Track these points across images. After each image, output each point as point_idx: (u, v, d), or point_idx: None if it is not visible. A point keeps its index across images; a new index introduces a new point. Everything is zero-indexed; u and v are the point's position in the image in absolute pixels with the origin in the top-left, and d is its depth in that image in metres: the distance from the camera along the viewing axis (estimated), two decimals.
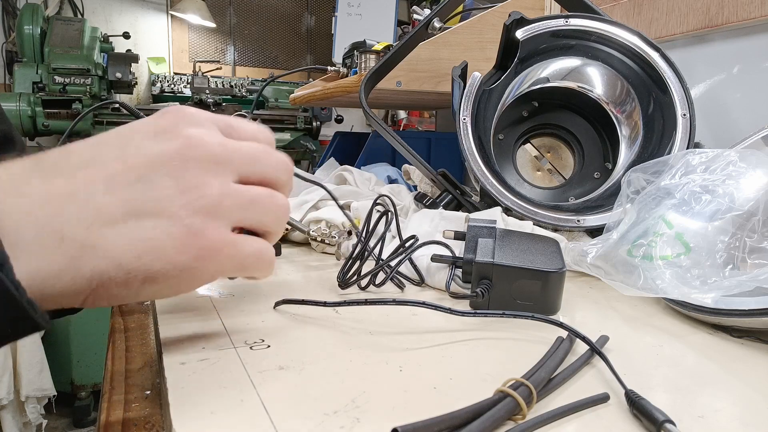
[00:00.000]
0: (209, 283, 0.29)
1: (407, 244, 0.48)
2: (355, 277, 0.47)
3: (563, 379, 0.30)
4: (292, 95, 1.34)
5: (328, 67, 1.19)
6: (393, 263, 0.48)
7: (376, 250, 0.49)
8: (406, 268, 0.50)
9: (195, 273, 0.28)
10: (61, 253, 0.25)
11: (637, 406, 0.27)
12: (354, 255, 0.47)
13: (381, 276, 0.47)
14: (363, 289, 0.48)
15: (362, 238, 0.47)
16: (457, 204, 0.67)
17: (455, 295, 0.44)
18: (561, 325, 0.36)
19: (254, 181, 0.30)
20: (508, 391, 0.26)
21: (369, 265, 0.48)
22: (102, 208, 0.26)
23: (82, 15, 2.95)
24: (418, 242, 0.48)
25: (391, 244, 0.53)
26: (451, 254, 0.45)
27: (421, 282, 0.49)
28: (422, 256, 0.49)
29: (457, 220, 0.55)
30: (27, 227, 0.24)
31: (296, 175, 0.45)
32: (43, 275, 0.24)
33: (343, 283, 0.47)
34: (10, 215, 0.24)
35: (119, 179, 0.27)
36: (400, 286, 0.48)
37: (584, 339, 0.34)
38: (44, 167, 0.27)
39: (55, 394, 1.84)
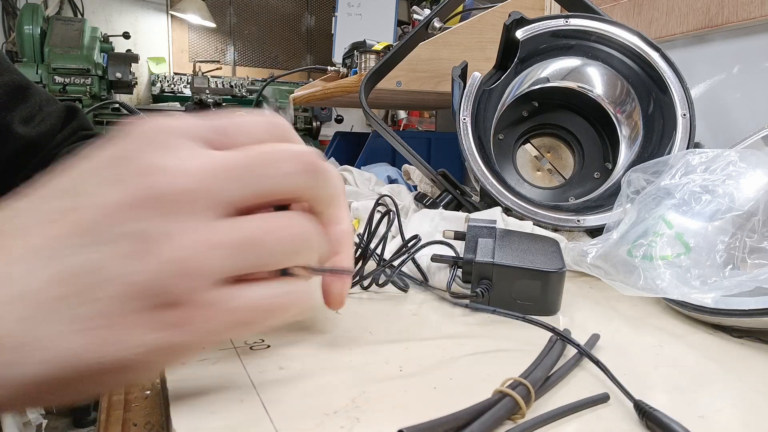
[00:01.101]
0: (202, 351, 0.24)
1: (410, 245, 0.48)
2: (358, 277, 0.47)
3: (559, 376, 0.30)
4: (292, 95, 1.34)
5: (328, 67, 1.19)
6: (396, 263, 0.48)
7: (378, 251, 0.49)
8: (407, 268, 0.50)
9: (172, 350, 0.22)
10: None
11: (652, 418, 0.26)
12: (356, 255, 0.47)
13: (383, 276, 0.47)
14: (365, 289, 0.48)
15: (363, 240, 0.47)
16: (457, 204, 0.67)
17: (455, 295, 0.44)
18: (553, 330, 0.35)
19: (261, 202, 0.23)
20: (506, 390, 0.26)
21: (372, 265, 0.48)
22: (41, 291, 0.20)
23: (82, 15, 2.95)
24: (421, 242, 0.48)
25: (392, 243, 0.53)
26: (453, 254, 0.45)
27: (425, 281, 0.49)
28: (422, 256, 0.49)
29: (457, 220, 0.55)
30: None
31: None
32: None
33: None
34: None
35: (63, 245, 0.20)
36: (404, 288, 0.48)
37: (576, 345, 0.33)
38: None
39: None
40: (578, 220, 0.60)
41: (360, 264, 0.47)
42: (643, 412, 0.26)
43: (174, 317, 0.21)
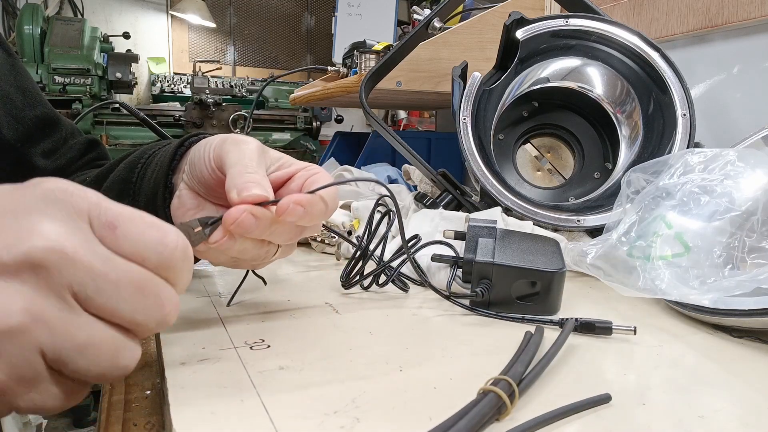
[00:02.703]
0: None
1: (410, 244, 0.48)
2: (358, 277, 0.47)
3: (542, 368, 0.30)
4: (292, 95, 1.34)
5: (328, 67, 1.19)
6: (395, 263, 0.48)
7: (378, 251, 0.49)
8: (407, 268, 0.50)
9: None
10: None
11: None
12: (357, 255, 0.47)
13: (383, 277, 0.48)
14: (365, 289, 0.48)
15: (362, 241, 0.47)
16: (457, 204, 0.67)
17: (456, 295, 0.44)
18: (553, 322, 0.36)
19: (98, 312, 0.23)
20: (489, 387, 0.26)
21: (373, 265, 0.48)
22: None
23: (82, 15, 2.95)
24: (422, 242, 0.48)
25: (392, 243, 0.53)
26: (453, 254, 0.45)
27: (425, 282, 0.49)
28: (423, 256, 0.49)
29: (457, 220, 0.55)
30: None
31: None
32: None
33: (346, 283, 0.47)
34: None
35: None
36: (405, 288, 0.48)
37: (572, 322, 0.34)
38: None
39: None
40: (578, 220, 0.60)
41: (360, 264, 0.47)
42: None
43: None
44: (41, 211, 0.22)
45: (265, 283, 0.47)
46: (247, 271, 0.44)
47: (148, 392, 0.33)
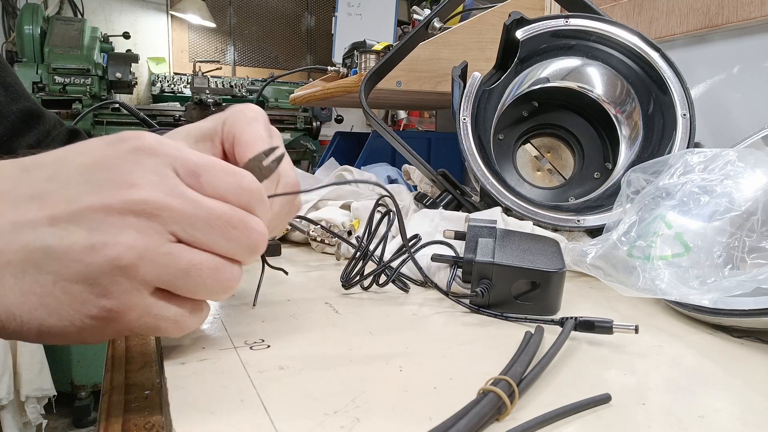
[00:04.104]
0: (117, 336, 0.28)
1: (410, 244, 0.48)
2: (358, 277, 0.47)
3: (541, 368, 0.30)
4: (292, 95, 1.34)
5: (328, 67, 1.19)
6: (395, 263, 0.48)
7: (378, 251, 0.49)
8: (407, 269, 0.50)
9: (96, 331, 0.26)
10: None
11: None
12: (357, 255, 0.47)
13: (384, 277, 0.47)
14: (366, 289, 0.48)
15: (362, 241, 0.47)
16: (457, 204, 0.67)
17: (456, 295, 0.44)
18: (557, 321, 0.36)
19: (197, 246, 0.27)
20: (489, 388, 0.26)
21: (373, 265, 0.48)
22: (2, 249, 0.24)
23: (82, 15, 2.95)
24: (421, 242, 0.48)
25: (392, 243, 0.53)
26: (453, 254, 0.45)
27: (425, 282, 0.49)
28: (423, 256, 0.49)
29: (457, 220, 0.55)
30: None
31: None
32: None
33: (347, 283, 0.47)
34: None
35: (27, 222, 0.24)
36: (405, 288, 0.48)
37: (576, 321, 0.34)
38: None
39: (55, 394, 1.84)
40: (578, 220, 0.60)
41: (360, 264, 0.47)
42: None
43: (101, 306, 0.25)
44: (135, 164, 0.25)
45: (286, 273, 0.50)
46: (263, 267, 0.45)
47: (148, 392, 0.33)
